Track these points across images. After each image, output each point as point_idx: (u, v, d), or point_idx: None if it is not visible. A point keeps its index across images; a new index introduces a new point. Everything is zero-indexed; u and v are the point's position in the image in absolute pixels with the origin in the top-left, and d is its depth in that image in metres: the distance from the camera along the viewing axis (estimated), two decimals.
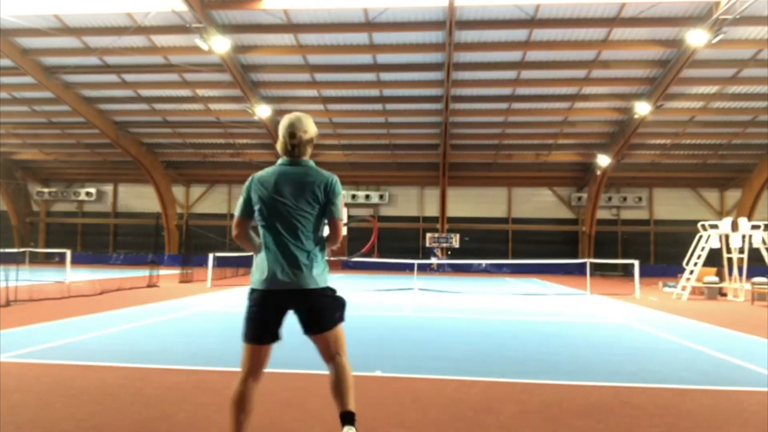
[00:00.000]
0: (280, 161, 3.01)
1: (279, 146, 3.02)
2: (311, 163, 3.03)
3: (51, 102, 24.68)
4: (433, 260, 28.76)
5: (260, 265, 2.90)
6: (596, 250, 30.25)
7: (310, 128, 3.07)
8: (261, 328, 2.91)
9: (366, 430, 3.68)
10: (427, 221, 32.30)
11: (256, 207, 2.90)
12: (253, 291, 2.92)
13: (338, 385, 2.96)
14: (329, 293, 2.99)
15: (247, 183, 2.96)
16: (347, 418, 2.89)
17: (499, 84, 22.53)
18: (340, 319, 3.06)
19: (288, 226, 2.86)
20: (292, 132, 2.98)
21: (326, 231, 3.05)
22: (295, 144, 2.97)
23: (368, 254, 30.82)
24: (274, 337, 2.95)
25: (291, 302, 2.89)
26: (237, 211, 2.96)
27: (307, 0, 17.71)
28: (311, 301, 2.90)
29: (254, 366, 2.91)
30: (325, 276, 2.97)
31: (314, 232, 2.94)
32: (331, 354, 3.02)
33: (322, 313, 2.95)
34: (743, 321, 9.98)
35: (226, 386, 4.70)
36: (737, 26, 17.36)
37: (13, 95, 24.84)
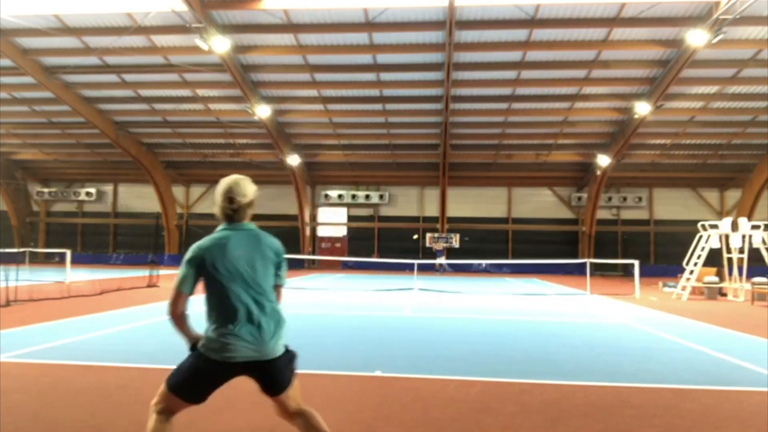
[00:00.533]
0: (220, 227, 2.82)
1: (217, 211, 2.84)
2: (253, 225, 2.88)
3: (51, 102, 24.67)
4: (439, 260, 28.72)
5: (218, 336, 2.71)
6: (596, 250, 30.25)
7: (249, 192, 2.84)
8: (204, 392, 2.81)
9: (366, 430, 3.68)
10: (427, 221, 32.30)
11: (211, 276, 2.70)
12: (200, 356, 2.72)
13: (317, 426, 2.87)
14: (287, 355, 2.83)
15: (189, 255, 2.72)
16: None
17: (499, 84, 22.52)
18: (294, 372, 2.88)
19: (249, 292, 2.71)
20: (231, 197, 2.78)
21: None
22: (234, 209, 2.79)
23: (368, 254, 30.84)
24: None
25: (250, 371, 2.78)
26: (178, 285, 2.71)
27: (307, 0, 17.71)
28: (273, 367, 2.77)
29: (175, 410, 2.76)
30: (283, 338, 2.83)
31: (272, 294, 2.83)
32: (295, 409, 2.89)
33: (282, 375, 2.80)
34: (743, 321, 9.98)
35: (225, 386, 4.70)
36: (737, 26, 17.35)
37: (13, 95, 24.84)
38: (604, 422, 3.89)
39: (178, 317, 2.80)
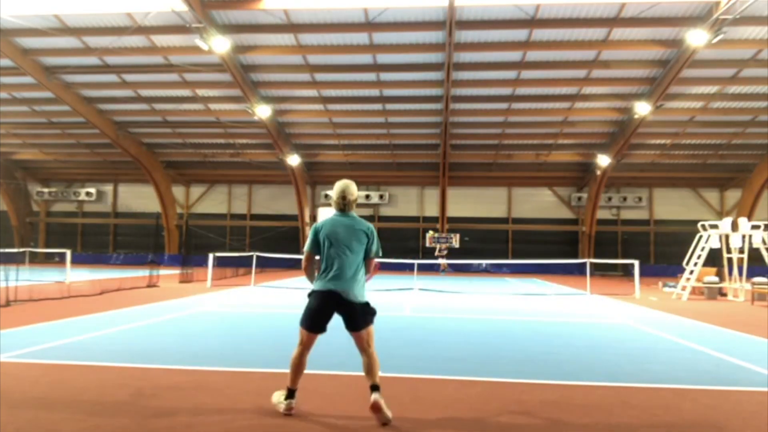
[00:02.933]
0: (335, 214, 4.17)
1: (333, 204, 4.20)
2: (354, 214, 4.17)
3: (51, 102, 24.67)
4: (441, 261, 28.71)
5: (321, 279, 4.07)
6: (596, 250, 30.25)
7: (355, 192, 4.20)
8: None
9: (366, 430, 3.68)
10: (427, 221, 32.30)
11: (321, 243, 4.05)
12: (311, 293, 4.12)
13: (371, 367, 4.01)
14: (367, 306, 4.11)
15: (312, 228, 4.12)
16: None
17: (499, 84, 22.52)
18: (369, 321, 4.09)
19: (341, 256, 4.02)
20: (344, 195, 4.13)
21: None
22: (345, 203, 4.13)
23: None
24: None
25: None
26: (306, 248, 4.11)
27: (307, 0, 17.72)
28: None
29: (307, 343, 4.08)
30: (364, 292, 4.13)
31: (360, 262, 4.11)
32: (364, 348, 4.05)
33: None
34: (743, 321, 9.98)
35: (226, 386, 4.71)
36: (737, 26, 17.35)
37: (13, 95, 24.84)
38: (604, 422, 3.89)
39: (306, 269, 4.19)
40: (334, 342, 7.30)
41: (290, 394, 3.99)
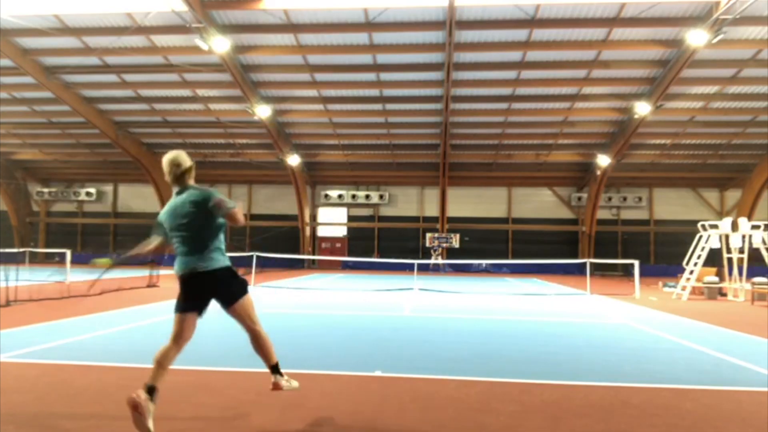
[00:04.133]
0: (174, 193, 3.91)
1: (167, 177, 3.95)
2: (194, 187, 4.00)
3: (51, 102, 24.67)
4: (433, 260, 28.69)
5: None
6: (596, 250, 30.25)
7: (186, 161, 4.01)
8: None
9: (366, 430, 3.68)
10: (427, 221, 32.30)
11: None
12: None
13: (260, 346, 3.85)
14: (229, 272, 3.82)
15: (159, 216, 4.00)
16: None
17: (499, 84, 22.53)
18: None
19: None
20: (176, 164, 3.98)
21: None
22: (178, 176, 3.96)
23: (368, 254, 30.82)
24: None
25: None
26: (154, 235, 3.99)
27: (307, 0, 17.72)
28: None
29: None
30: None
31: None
32: (246, 323, 3.82)
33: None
34: (743, 321, 9.98)
35: (226, 386, 4.71)
36: (737, 26, 17.35)
37: (13, 95, 24.84)
38: (604, 422, 3.89)
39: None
40: (333, 341, 7.32)
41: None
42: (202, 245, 3.75)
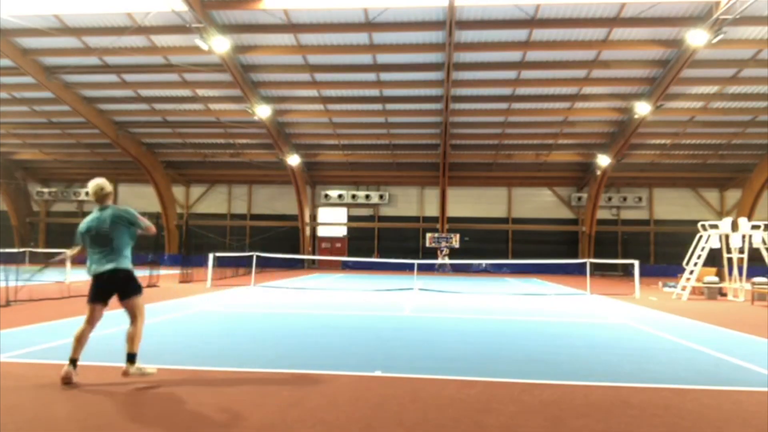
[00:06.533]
0: (95, 209, 4.91)
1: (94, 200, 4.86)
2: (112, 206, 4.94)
3: (51, 102, 24.68)
4: (439, 261, 28.69)
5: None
6: (596, 250, 30.26)
7: (108, 186, 4.98)
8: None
9: (366, 430, 3.68)
10: (427, 221, 32.31)
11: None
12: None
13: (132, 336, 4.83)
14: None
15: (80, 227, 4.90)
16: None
17: (499, 84, 22.53)
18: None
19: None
20: (99, 189, 4.92)
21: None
22: (102, 197, 4.92)
23: (368, 254, 30.83)
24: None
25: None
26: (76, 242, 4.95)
27: (307, 0, 17.72)
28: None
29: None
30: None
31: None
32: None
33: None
34: (743, 321, 9.98)
35: (226, 386, 4.71)
36: (737, 26, 17.36)
37: (13, 95, 24.85)
38: (604, 422, 3.89)
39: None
40: (333, 341, 7.32)
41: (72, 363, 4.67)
42: (117, 252, 4.80)
